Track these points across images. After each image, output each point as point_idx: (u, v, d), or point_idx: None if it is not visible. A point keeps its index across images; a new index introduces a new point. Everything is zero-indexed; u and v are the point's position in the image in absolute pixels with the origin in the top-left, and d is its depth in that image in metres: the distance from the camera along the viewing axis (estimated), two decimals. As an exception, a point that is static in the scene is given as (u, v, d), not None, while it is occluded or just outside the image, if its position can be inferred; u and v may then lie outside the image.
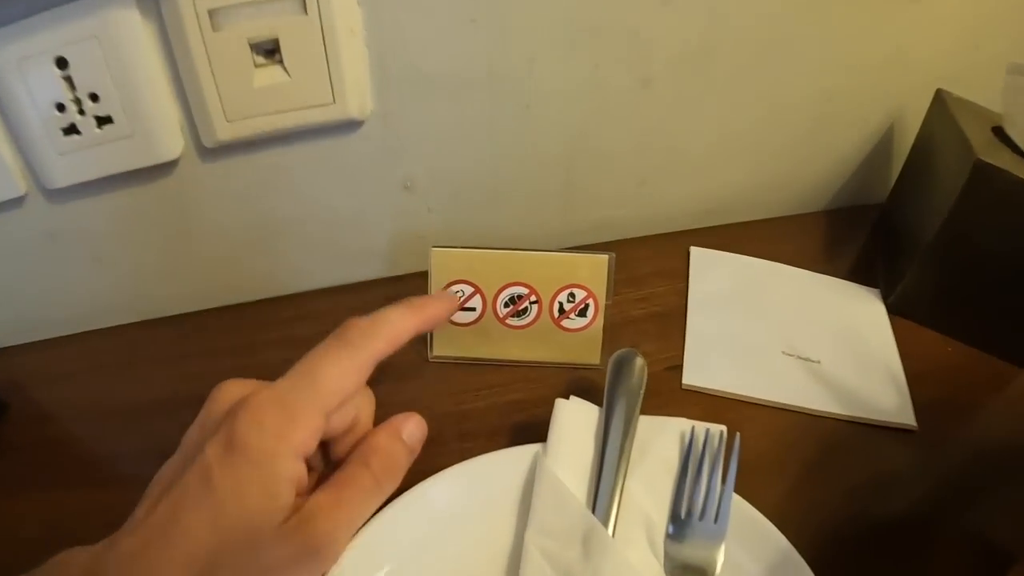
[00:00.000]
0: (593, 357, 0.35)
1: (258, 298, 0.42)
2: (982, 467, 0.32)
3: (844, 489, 0.31)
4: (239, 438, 0.22)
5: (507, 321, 0.35)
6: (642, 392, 0.29)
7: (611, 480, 0.27)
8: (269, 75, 0.34)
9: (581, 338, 0.35)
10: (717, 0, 0.36)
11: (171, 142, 0.36)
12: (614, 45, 0.36)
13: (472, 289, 0.34)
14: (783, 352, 0.36)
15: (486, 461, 0.28)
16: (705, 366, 0.35)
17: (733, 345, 0.36)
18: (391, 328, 0.26)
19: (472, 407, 0.34)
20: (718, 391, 0.34)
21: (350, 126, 0.36)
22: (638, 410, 0.29)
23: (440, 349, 0.36)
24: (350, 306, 0.33)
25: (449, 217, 0.41)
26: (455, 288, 0.34)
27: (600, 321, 0.35)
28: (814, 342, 0.37)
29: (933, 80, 0.40)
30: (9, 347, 0.43)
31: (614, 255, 0.34)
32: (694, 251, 0.41)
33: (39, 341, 0.42)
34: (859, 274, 0.41)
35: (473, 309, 0.35)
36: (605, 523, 0.26)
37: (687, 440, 0.28)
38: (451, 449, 0.32)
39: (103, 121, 0.35)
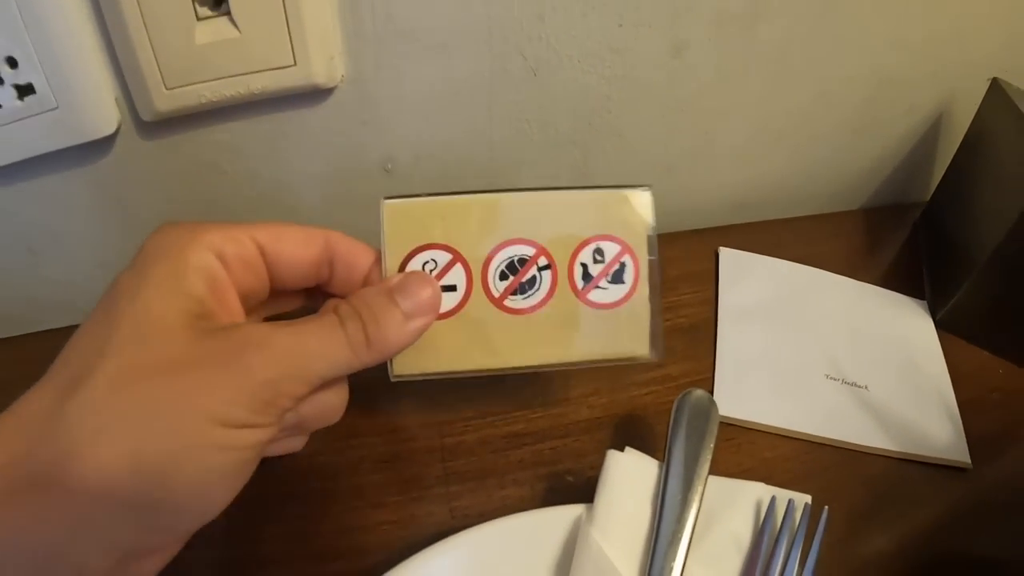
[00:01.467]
0: (638, 346, 0.25)
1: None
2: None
3: (896, 539, 0.28)
4: (146, 247, 0.20)
5: (506, 303, 0.24)
6: (713, 447, 0.24)
7: (669, 558, 0.22)
8: (215, 29, 0.27)
9: (620, 318, 0.24)
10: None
11: (104, 115, 0.29)
12: None
13: (449, 256, 0.24)
14: (827, 376, 0.31)
15: (506, 528, 0.23)
16: (738, 393, 0.30)
17: (770, 367, 0.31)
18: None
19: (459, 440, 0.28)
20: (754, 424, 0.30)
21: (316, 94, 0.29)
22: (707, 469, 0.24)
23: (404, 366, 0.24)
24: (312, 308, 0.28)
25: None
26: (424, 257, 0.24)
27: (644, 287, 0.24)
28: (860, 364, 0.32)
29: (986, 67, 0.35)
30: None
31: (651, 187, 0.24)
32: (723, 253, 0.36)
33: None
34: (900, 282, 0.37)
35: (453, 287, 0.24)
36: None
37: (763, 511, 0.24)
38: (434, 494, 0.27)
39: (24, 91, 0.27)
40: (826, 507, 0.24)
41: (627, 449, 0.24)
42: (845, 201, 0.41)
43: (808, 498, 0.24)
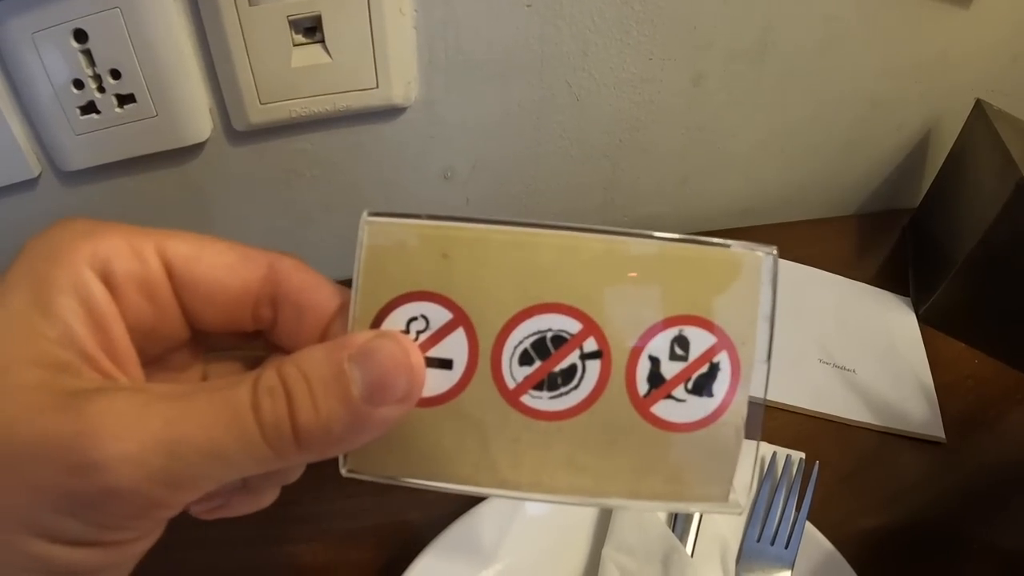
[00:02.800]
0: (716, 489, 0.17)
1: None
2: (1007, 479, 0.35)
3: (875, 498, 0.33)
4: (21, 253, 0.15)
5: (523, 399, 0.16)
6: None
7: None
8: (309, 55, 0.33)
9: (694, 445, 0.17)
10: (774, 1, 0.36)
11: (199, 124, 0.34)
12: (670, 38, 0.35)
13: (449, 315, 0.16)
14: (820, 360, 0.37)
15: None
16: None
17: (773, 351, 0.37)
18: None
19: None
20: (755, 398, 0.36)
21: (392, 112, 0.35)
22: None
23: (360, 463, 0.17)
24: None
25: (486, 209, 0.40)
26: (410, 311, 0.16)
27: (742, 402, 0.17)
28: (849, 351, 0.38)
29: (971, 89, 0.41)
30: None
31: (775, 253, 0.18)
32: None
33: None
34: (888, 280, 0.43)
35: (448, 363, 0.16)
36: (684, 543, 0.27)
37: (766, 465, 0.30)
38: None
39: (125, 100, 0.33)
40: (817, 462, 0.30)
41: None
42: (840, 207, 0.47)
43: (802, 455, 0.30)
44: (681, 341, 0.17)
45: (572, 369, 0.16)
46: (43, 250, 0.15)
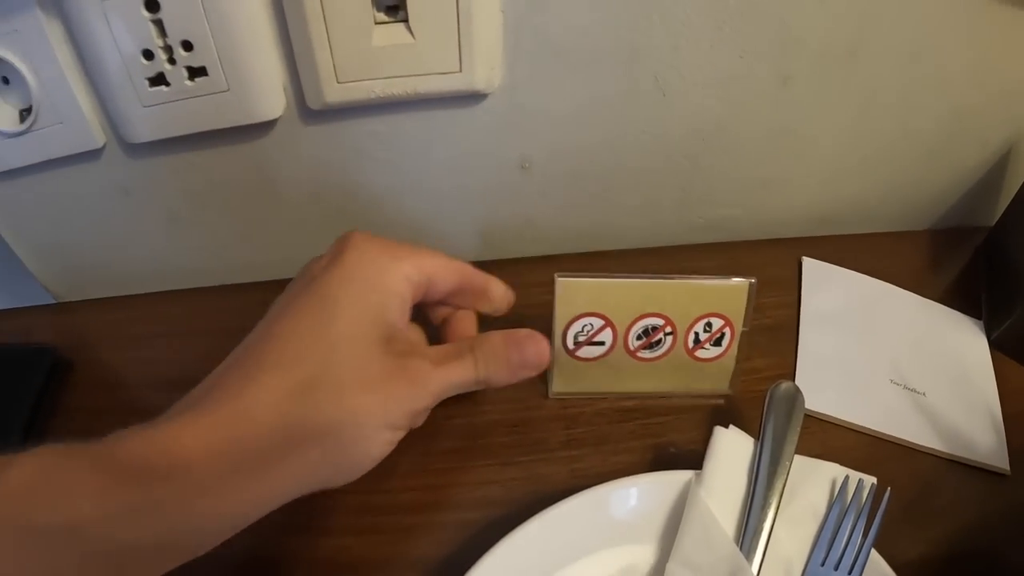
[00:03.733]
0: (723, 386, 0.35)
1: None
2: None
3: (938, 527, 0.33)
4: (347, 260, 0.26)
5: (638, 354, 0.34)
6: (799, 429, 0.30)
7: (761, 519, 0.28)
8: (390, 34, 0.32)
9: (713, 368, 0.34)
10: (870, 2, 0.35)
11: (271, 101, 0.34)
12: (761, 35, 0.34)
13: (602, 322, 0.32)
14: (891, 381, 0.37)
15: (630, 484, 0.29)
16: (815, 388, 0.35)
17: (843, 368, 0.37)
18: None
19: (580, 411, 0.34)
20: (826, 416, 0.35)
21: (473, 98, 0.34)
22: (794, 448, 0.29)
23: (561, 386, 0.35)
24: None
25: (561, 203, 0.40)
26: (583, 322, 0.32)
27: (734, 350, 0.34)
28: (921, 373, 0.38)
29: None
30: (79, 302, 0.42)
31: (755, 282, 0.32)
32: (806, 262, 0.41)
33: (110, 298, 0.41)
34: (959, 300, 0.42)
35: (602, 343, 0.33)
36: (750, 561, 0.27)
37: (837, 487, 0.29)
38: (557, 456, 0.32)
39: (196, 73, 0.33)
40: (888, 488, 0.30)
41: (730, 426, 0.30)
42: (915, 221, 0.46)
43: (874, 480, 0.30)
44: (708, 324, 0.33)
45: (660, 340, 0.33)
46: (372, 262, 0.26)
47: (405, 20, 0.32)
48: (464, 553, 0.28)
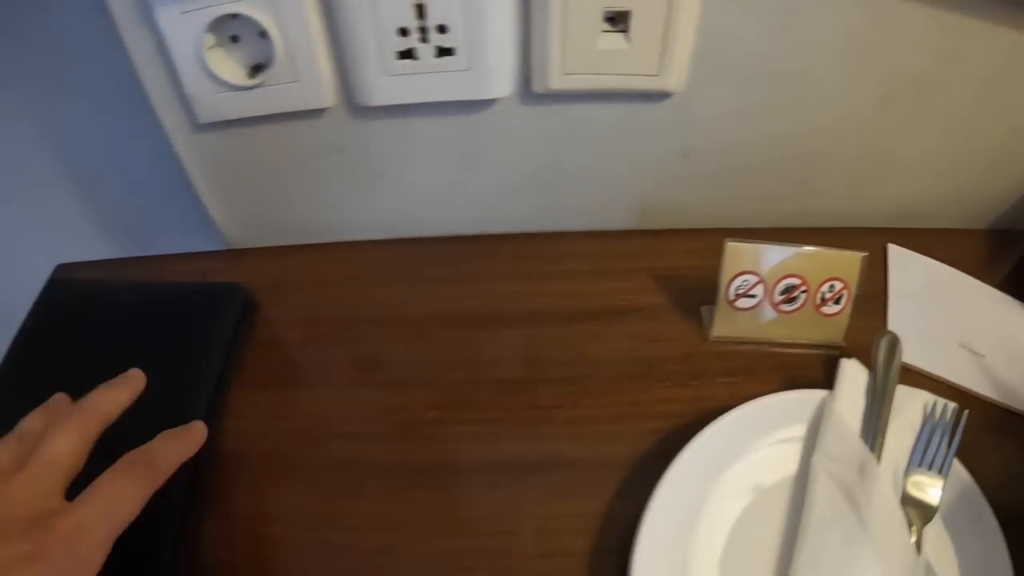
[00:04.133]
0: (838, 338, 0.44)
1: (530, 230, 0.50)
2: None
3: (994, 454, 0.43)
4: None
5: (780, 307, 0.44)
6: (899, 368, 0.41)
7: (878, 427, 0.38)
8: (612, 41, 0.41)
9: (832, 322, 0.44)
10: (953, 43, 0.43)
11: (502, 82, 0.43)
12: (873, 66, 0.44)
13: (756, 279, 0.43)
14: (959, 344, 0.49)
15: (784, 397, 0.40)
16: (903, 342, 0.45)
17: (922, 331, 0.47)
18: (167, 463, 0.32)
19: (732, 350, 0.44)
20: (910, 364, 0.45)
21: (660, 96, 0.43)
22: (897, 378, 0.40)
23: (719, 330, 0.45)
24: (614, 249, 0.43)
25: (709, 187, 0.49)
26: (743, 278, 0.42)
27: (849, 308, 0.44)
28: (981, 340, 0.48)
29: None
30: (278, 246, 0.50)
31: (867, 255, 0.42)
32: (891, 248, 0.52)
33: (306, 245, 0.50)
34: (1010, 287, 0.51)
35: (754, 296, 0.43)
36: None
37: (928, 409, 0.40)
38: (717, 382, 0.42)
39: (444, 52, 0.41)
40: (967, 411, 0.41)
41: (852, 359, 0.41)
42: (976, 221, 0.56)
43: (955, 405, 0.41)
44: (832, 286, 0.44)
45: (796, 296, 0.43)
46: None
47: (625, 31, 0.41)
48: (652, 454, 0.38)
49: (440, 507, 0.38)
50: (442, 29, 0.41)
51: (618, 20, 0.41)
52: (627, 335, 0.44)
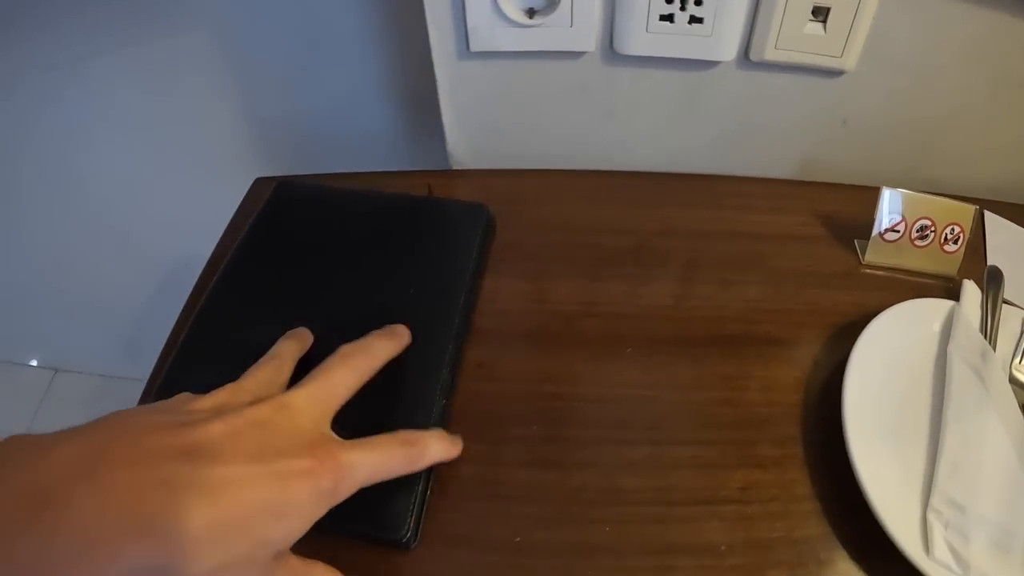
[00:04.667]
0: (954, 271, 0.57)
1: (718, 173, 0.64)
2: None
3: None
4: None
5: (915, 242, 0.58)
6: (1003, 290, 0.56)
7: (990, 328, 0.53)
8: (813, 28, 0.56)
9: (951, 258, 0.57)
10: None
11: (730, 48, 0.57)
12: (983, 71, 0.62)
13: (900, 218, 0.56)
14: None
15: (927, 301, 0.53)
16: None
17: (1012, 275, 0.62)
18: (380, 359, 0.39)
19: (876, 273, 0.58)
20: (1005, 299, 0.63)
21: (836, 73, 0.57)
22: (1001, 298, 0.55)
23: (871, 257, 0.57)
24: (784, 192, 0.58)
25: (856, 149, 0.63)
26: (890, 216, 0.56)
27: (963, 248, 0.56)
28: None
29: None
30: (502, 169, 0.63)
31: (979, 208, 0.55)
32: (988, 215, 0.67)
33: (531, 169, 0.62)
34: None
35: (898, 232, 0.56)
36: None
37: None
38: (871, 294, 0.56)
39: (694, 20, 0.56)
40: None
41: (970, 280, 0.56)
42: None
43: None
44: (952, 229, 0.57)
45: (927, 235, 0.57)
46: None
47: (824, 21, 0.57)
48: (837, 334, 0.52)
49: (684, 369, 0.50)
50: (698, 2, 0.55)
51: (819, 13, 0.57)
52: (802, 256, 0.58)
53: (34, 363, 1.40)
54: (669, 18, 0.56)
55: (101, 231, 0.99)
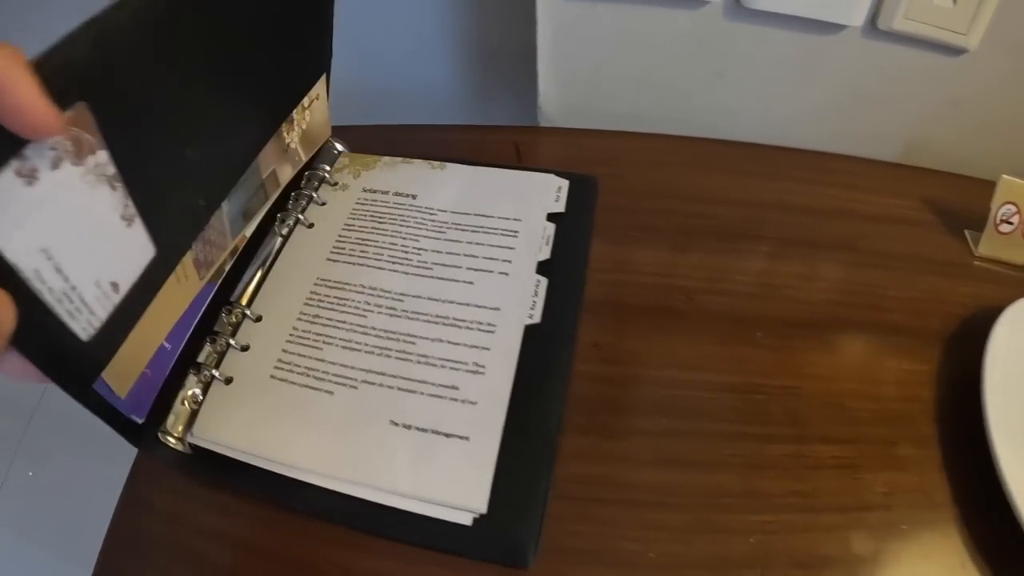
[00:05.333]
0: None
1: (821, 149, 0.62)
2: None
3: None
4: None
5: (999, 228, 0.56)
6: None
7: None
8: (944, 1, 0.57)
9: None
10: None
11: (860, 12, 0.55)
12: None
13: (1014, 209, 0.55)
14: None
15: None
16: None
17: None
18: None
19: (991, 267, 0.57)
20: None
21: (957, 51, 0.56)
22: None
23: (984, 250, 0.56)
24: (888, 174, 0.57)
25: (962, 133, 0.62)
26: (1006, 207, 0.55)
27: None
28: None
29: None
30: (612, 131, 0.59)
31: None
32: None
33: (636, 132, 0.58)
34: None
35: (1011, 224, 0.55)
36: None
37: None
38: (985, 285, 0.56)
39: None
40: None
41: None
42: None
43: None
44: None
45: (1012, 221, 0.54)
46: None
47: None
48: (967, 325, 0.52)
49: (819, 357, 0.48)
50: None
51: (952, -12, 0.56)
52: (915, 241, 0.58)
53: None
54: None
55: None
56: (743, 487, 0.42)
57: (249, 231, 0.46)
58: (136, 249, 0.32)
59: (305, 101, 0.48)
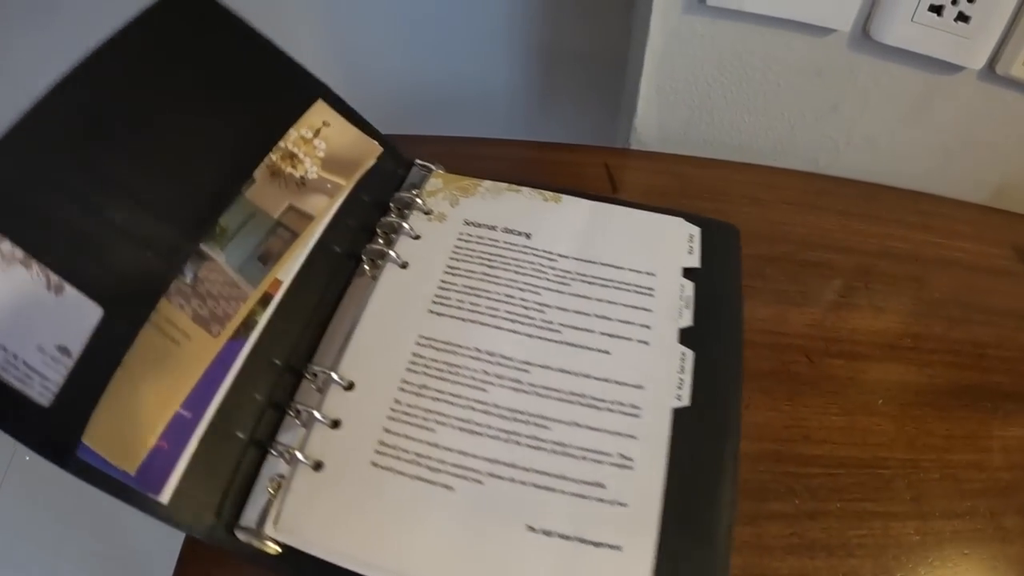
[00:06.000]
0: None
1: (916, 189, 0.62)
2: None
3: None
4: None
5: None
6: None
7: None
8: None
9: None
10: None
11: (981, 56, 0.54)
12: None
13: None
14: None
15: None
16: None
17: None
18: None
19: None
20: None
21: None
22: None
23: None
24: (981, 219, 0.59)
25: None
26: None
27: None
28: None
29: None
30: (712, 160, 0.56)
31: None
32: None
33: (737, 163, 0.56)
34: None
35: None
36: None
37: None
38: None
39: (960, 19, 0.52)
40: None
41: None
42: None
43: None
44: None
45: None
46: None
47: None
48: None
49: (934, 425, 0.48)
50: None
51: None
52: (1014, 295, 0.59)
53: None
54: (938, 10, 0.52)
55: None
56: (878, 572, 0.42)
57: (285, 274, 0.41)
58: (76, 312, 0.32)
59: (306, 133, 0.44)
